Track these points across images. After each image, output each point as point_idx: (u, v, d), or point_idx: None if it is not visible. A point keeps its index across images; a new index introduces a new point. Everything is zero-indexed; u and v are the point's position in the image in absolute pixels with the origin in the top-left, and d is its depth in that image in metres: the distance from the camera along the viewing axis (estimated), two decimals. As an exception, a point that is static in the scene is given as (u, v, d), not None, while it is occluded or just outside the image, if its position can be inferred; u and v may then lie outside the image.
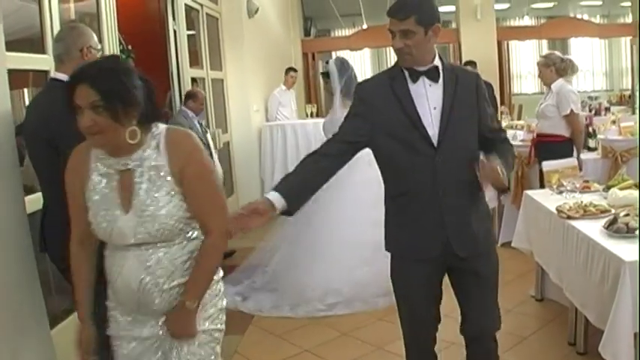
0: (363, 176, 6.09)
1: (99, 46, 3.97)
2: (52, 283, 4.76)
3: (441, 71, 3.31)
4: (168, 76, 8.09)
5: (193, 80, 8.72)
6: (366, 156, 3.79)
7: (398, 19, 3.22)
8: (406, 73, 3.31)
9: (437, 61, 3.32)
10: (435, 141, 3.25)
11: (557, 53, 7.04)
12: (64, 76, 3.46)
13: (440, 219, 3.29)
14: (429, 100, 3.28)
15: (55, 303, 4.76)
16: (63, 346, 4.26)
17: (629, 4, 17.29)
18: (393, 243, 3.52)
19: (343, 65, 6.43)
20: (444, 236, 3.30)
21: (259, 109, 10.99)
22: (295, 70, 11.93)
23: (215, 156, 8.10)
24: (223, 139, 9.58)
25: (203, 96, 8.16)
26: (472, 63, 11.69)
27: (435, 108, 3.27)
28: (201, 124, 8.10)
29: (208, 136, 8.34)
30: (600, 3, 19.88)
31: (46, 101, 3.69)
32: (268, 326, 5.75)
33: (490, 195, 7.72)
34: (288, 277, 6.13)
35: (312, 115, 12.01)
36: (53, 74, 3.85)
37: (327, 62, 6.58)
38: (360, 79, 6.58)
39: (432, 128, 3.26)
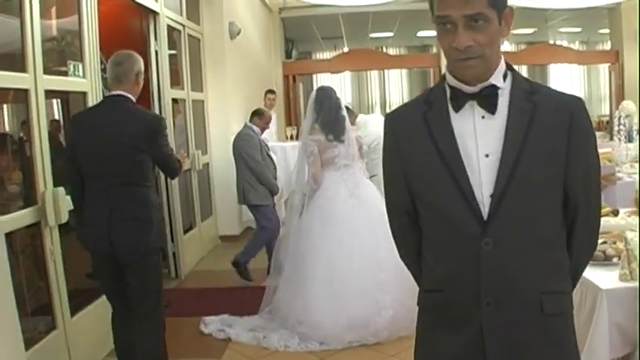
0: (332, 208, 6.17)
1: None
2: (27, 303, 4.72)
3: (504, 94, 2.12)
4: (149, 96, 8.06)
5: (174, 101, 8.70)
6: None
7: None
8: (448, 94, 2.16)
9: (497, 77, 2.11)
10: (484, 211, 2.07)
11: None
12: (126, 93, 4.37)
13: (479, 343, 2.11)
14: (477, 141, 2.10)
15: (31, 324, 4.72)
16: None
17: (607, 31, 17.47)
18: None
19: (322, 93, 6.46)
20: None
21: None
22: (273, 92, 11.92)
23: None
24: (203, 161, 9.55)
25: (270, 116, 8.35)
26: None
27: (487, 155, 2.08)
28: (264, 142, 8.23)
29: (271, 152, 8.41)
30: (579, 30, 20.09)
31: (127, 114, 4.35)
32: (245, 350, 5.71)
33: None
34: (311, 312, 5.84)
35: (292, 138, 12.01)
36: (114, 91, 4.42)
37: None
38: (342, 101, 6.59)
39: (480, 189, 2.08)
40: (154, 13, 7.98)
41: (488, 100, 2.09)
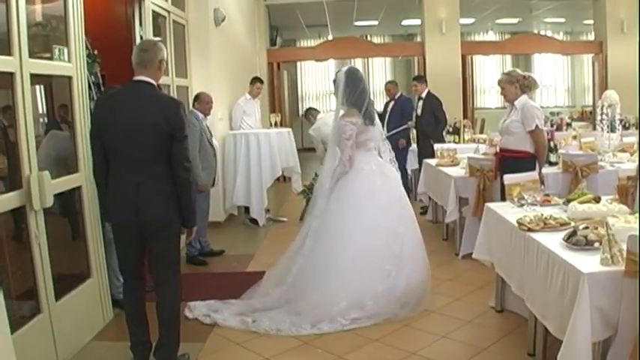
0: (368, 185, 6.20)
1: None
2: (12, 287, 4.72)
3: None
4: (134, 81, 8.04)
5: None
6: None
7: None
8: None
9: None
10: None
11: (518, 70, 7.08)
12: (149, 79, 4.74)
13: None
14: None
15: (16, 307, 4.72)
16: (23, 351, 4.23)
17: (591, 22, 17.56)
18: None
19: (355, 75, 6.38)
20: None
21: (223, 117, 10.96)
22: (262, 82, 11.79)
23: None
24: (187, 147, 9.54)
25: (209, 98, 8.39)
26: (419, 78, 11.83)
27: None
28: (208, 127, 8.30)
29: (213, 139, 8.48)
30: (564, 20, 20.18)
31: (152, 100, 4.73)
32: (229, 334, 5.73)
33: (451, 208, 7.84)
34: (306, 294, 5.97)
35: (276, 125, 11.99)
36: (138, 77, 4.75)
37: (338, 70, 6.50)
38: (325, 88, 6.59)
39: None
40: (139, -1, 7.96)
41: None
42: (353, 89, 6.26)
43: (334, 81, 6.41)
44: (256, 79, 11.62)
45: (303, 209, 6.42)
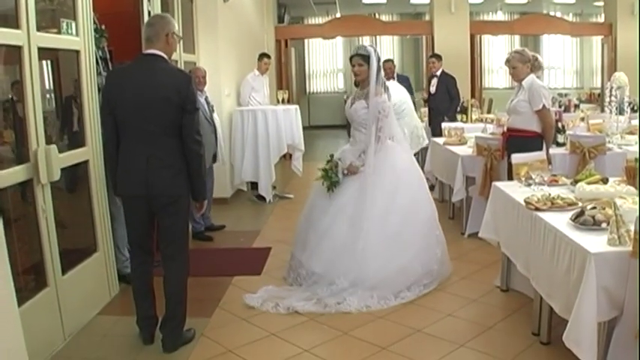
0: (405, 158, 6.45)
1: (179, 33, 5.06)
2: (19, 261, 4.74)
3: None
4: (141, 57, 8.01)
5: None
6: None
7: None
8: None
9: None
10: None
11: (527, 50, 7.05)
12: (159, 52, 4.74)
13: None
14: None
15: (22, 281, 4.73)
16: (30, 324, 4.25)
17: (601, 3, 17.46)
18: None
19: (379, 55, 6.37)
20: None
21: (231, 93, 10.96)
22: (269, 57, 11.80)
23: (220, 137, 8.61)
24: (194, 123, 9.52)
25: (199, 72, 8.37)
26: (437, 56, 11.95)
27: None
28: (208, 103, 8.26)
29: (215, 115, 8.44)
30: (573, 1, 20.06)
31: (161, 72, 4.69)
32: (235, 310, 5.75)
33: (458, 187, 7.83)
34: (379, 269, 5.92)
35: (283, 102, 11.98)
36: (147, 50, 4.76)
37: (363, 46, 6.39)
38: (333, 66, 6.58)
39: None
40: (148, -26, 7.91)
41: None
42: (380, 68, 6.33)
43: (361, 55, 6.27)
44: (264, 55, 11.61)
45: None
